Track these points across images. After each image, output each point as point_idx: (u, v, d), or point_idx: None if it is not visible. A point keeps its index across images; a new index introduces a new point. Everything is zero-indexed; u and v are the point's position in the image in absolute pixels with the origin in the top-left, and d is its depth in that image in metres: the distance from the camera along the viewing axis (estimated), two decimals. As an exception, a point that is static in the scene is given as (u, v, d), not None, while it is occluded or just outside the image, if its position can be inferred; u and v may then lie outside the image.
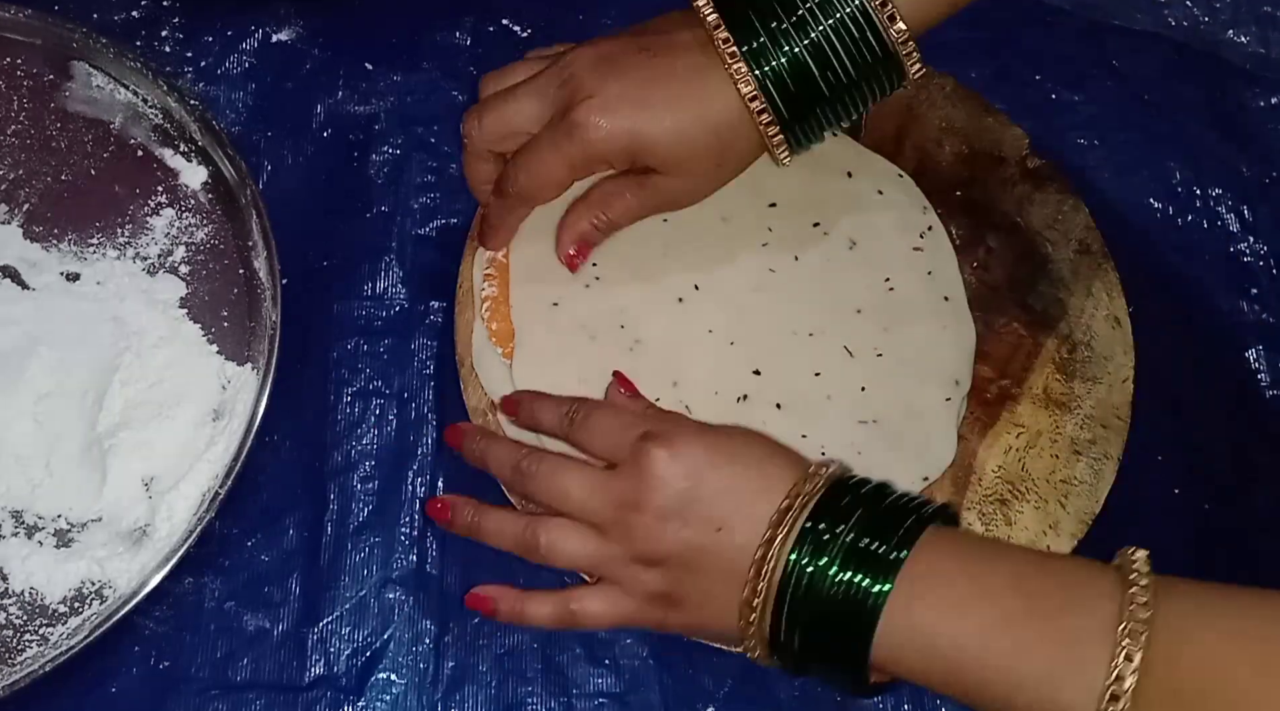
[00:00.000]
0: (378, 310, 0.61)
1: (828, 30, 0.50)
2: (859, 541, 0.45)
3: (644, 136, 0.51)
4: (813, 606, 0.45)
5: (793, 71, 0.50)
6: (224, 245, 0.60)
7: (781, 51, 0.50)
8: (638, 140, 0.52)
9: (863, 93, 0.52)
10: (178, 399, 0.57)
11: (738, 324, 0.57)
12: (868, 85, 0.52)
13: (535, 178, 0.54)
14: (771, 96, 0.51)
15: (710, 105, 0.51)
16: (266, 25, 0.66)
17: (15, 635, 0.53)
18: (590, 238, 0.56)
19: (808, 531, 0.45)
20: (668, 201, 0.55)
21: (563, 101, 0.52)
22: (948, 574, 0.44)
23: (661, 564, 0.48)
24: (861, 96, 0.53)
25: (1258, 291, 0.64)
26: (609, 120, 0.51)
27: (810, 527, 0.45)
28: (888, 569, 0.44)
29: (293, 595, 0.56)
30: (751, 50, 0.50)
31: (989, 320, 0.59)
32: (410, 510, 0.57)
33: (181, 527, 0.54)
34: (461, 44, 0.67)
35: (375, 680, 0.55)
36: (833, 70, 0.51)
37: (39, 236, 0.59)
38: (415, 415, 0.59)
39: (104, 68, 0.62)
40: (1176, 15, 0.70)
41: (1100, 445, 0.57)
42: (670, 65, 0.52)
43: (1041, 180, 0.62)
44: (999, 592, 0.43)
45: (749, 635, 0.47)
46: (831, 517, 0.45)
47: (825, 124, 0.53)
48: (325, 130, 0.64)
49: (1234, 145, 0.67)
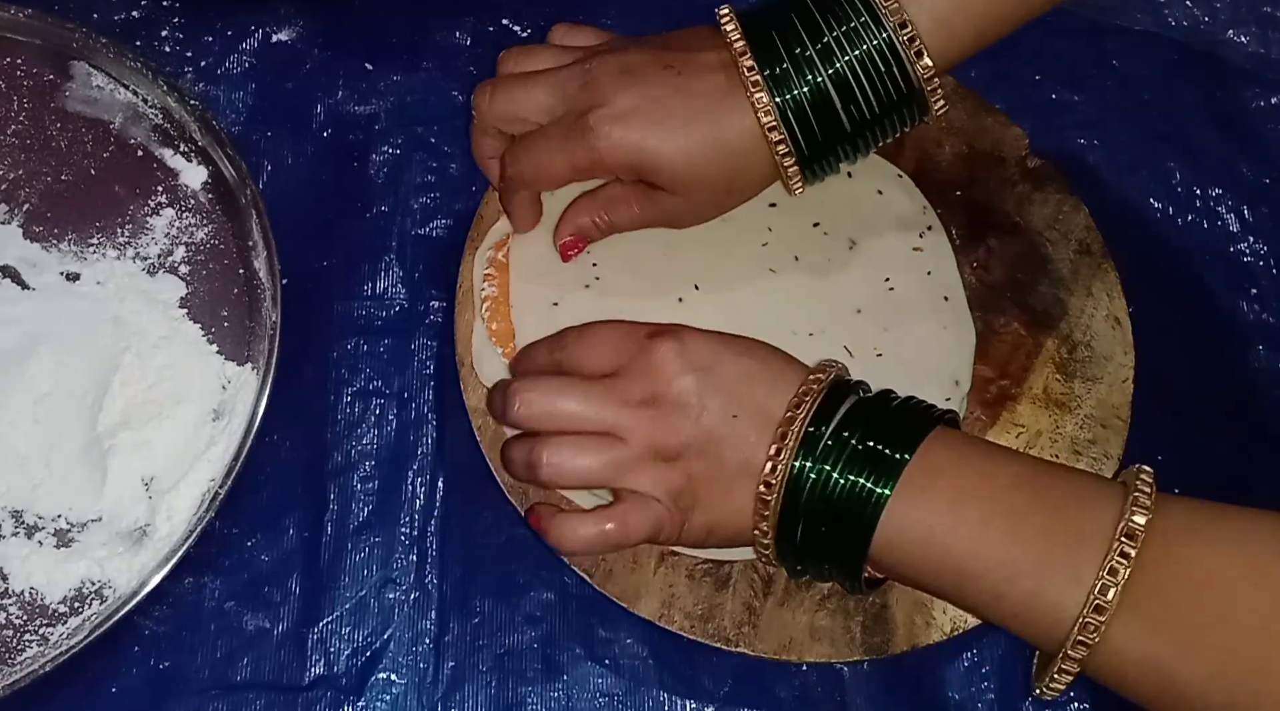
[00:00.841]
0: (378, 310, 0.61)
1: (853, 61, 0.50)
2: (863, 444, 0.45)
3: (652, 154, 0.51)
4: (817, 508, 0.46)
5: (814, 102, 0.50)
6: (224, 245, 0.60)
7: (804, 79, 0.50)
8: (645, 157, 0.51)
9: (884, 127, 0.52)
10: (178, 399, 0.57)
11: (738, 324, 0.56)
12: (889, 120, 0.52)
13: (536, 167, 0.54)
14: (791, 127, 0.51)
15: (726, 131, 0.51)
16: (266, 25, 0.66)
17: (15, 635, 0.53)
18: (588, 233, 0.56)
19: (811, 435, 0.46)
20: (669, 219, 0.56)
21: (578, 103, 0.52)
22: (952, 470, 0.45)
23: (679, 457, 0.48)
24: (882, 130, 0.53)
25: (1258, 291, 0.64)
26: (620, 132, 0.51)
27: (813, 432, 0.46)
28: (891, 469, 0.45)
29: (293, 595, 0.56)
30: (774, 75, 0.50)
31: (989, 320, 0.59)
32: (410, 510, 0.57)
33: (181, 527, 0.54)
34: (461, 44, 0.67)
35: (375, 680, 0.55)
36: (855, 104, 0.51)
37: (39, 236, 0.59)
38: (415, 415, 0.59)
39: (104, 68, 0.62)
40: (1176, 15, 0.70)
41: (1100, 445, 0.57)
42: (690, 85, 0.51)
43: (1041, 180, 0.62)
44: (1002, 488, 0.44)
45: (761, 534, 0.47)
46: (837, 422, 0.46)
47: (842, 157, 0.53)
48: (325, 130, 0.64)
49: (1234, 145, 0.67)
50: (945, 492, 0.45)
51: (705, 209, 0.55)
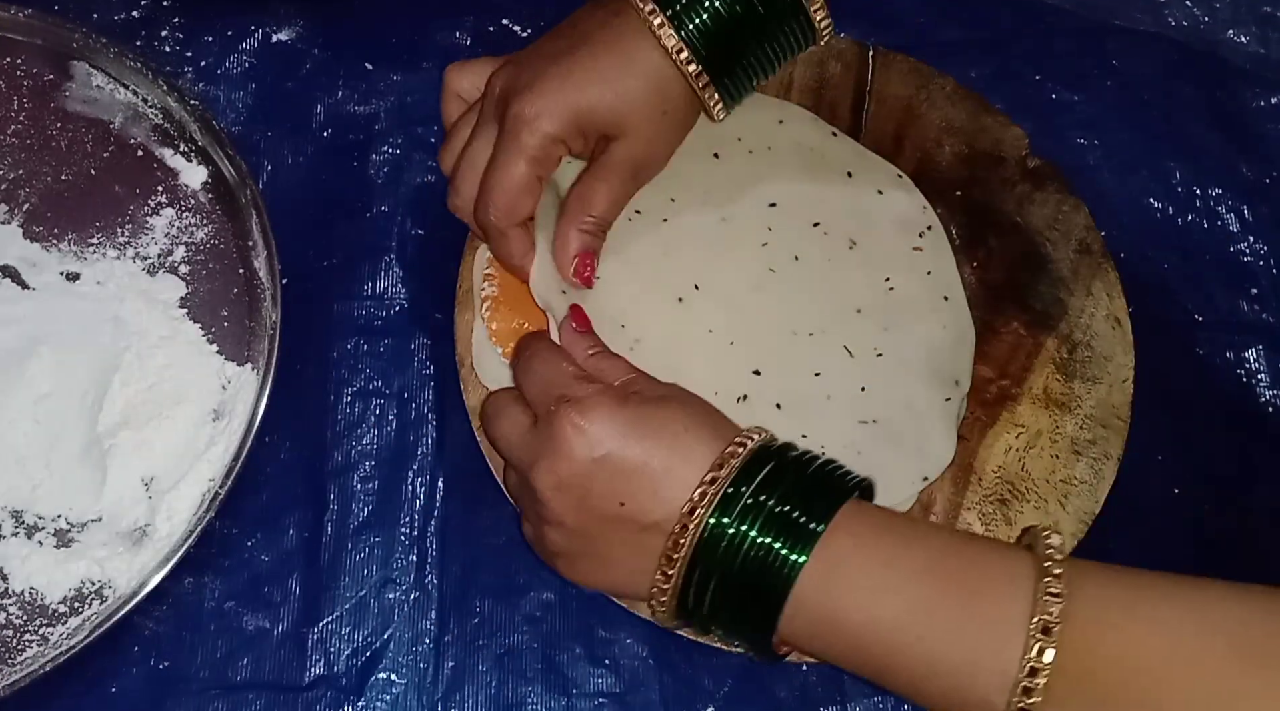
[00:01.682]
0: (378, 310, 0.61)
1: None
2: (780, 508, 0.45)
3: (582, 102, 0.52)
4: (728, 570, 0.45)
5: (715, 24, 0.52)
6: (224, 245, 0.60)
7: (702, 7, 0.51)
8: (577, 107, 0.52)
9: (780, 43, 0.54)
10: (178, 399, 0.57)
11: (738, 324, 0.57)
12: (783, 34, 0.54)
13: (505, 192, 0.53)
14: (696, 48, 0.52)
15: (637, 61, 0.52)
16: (266, 25, 0.66)
17: (15, 635, 0.53)
18: (588, 245, 0.55)
19: (730, 496, 0.45)
20: (634, 168, 0.55)
21: (499, 112, 0.53)
22: (864, 555, 0.44)
23: (559, 527, 0.48)
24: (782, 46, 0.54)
25: (1258, 291, 0.64)
26: (544, 100, 0.52)
27: (733, 493, 0.45)
28: (806, 539, 0.44)
29: (293, 595, 0.56)
30: (675, 13, 0.51)
31: (989, 320, 0.59)
32: (410, 510, 0.57)
33: (181, 527, 0.54)
34: (461, 44, 0.67)
35: (375, 680, 0.55)
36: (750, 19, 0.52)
37: (39, 236, 0.59)
38: (415, 415, 0.59)
39: (104, 68, 0.62)
40: (1176, 15, 0.70)
41: (1100, 445, 0.57)
42: (589, 39, 0.53)
43: (1041, 180, 0.62)
44: (914, 578, 0.44)
45: (658, 596, 0.47)
46: (756, 484, 0.45)
47: (752, 74, 0.54)
48: (325, 130, 0.64)
49: (1234, 145, 0.67)
50: (859, 582, 0.44)
51: (655, 141, 0.55)
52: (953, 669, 0.42)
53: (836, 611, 0.44)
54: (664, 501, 0.46)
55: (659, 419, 0.47)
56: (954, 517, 0.56)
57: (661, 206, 0.58)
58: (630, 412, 0.47)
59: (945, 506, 0.56)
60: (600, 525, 0.47)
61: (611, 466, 0.46)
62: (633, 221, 0.57)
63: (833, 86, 0.63)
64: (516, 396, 0.51)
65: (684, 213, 0.58)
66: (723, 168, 0.59)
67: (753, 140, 0.60)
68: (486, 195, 0.53)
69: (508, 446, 0.50)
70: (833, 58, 0.63)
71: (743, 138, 0.60)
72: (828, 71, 0.63)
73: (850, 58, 0.63)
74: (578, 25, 0.54)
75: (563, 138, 0.53)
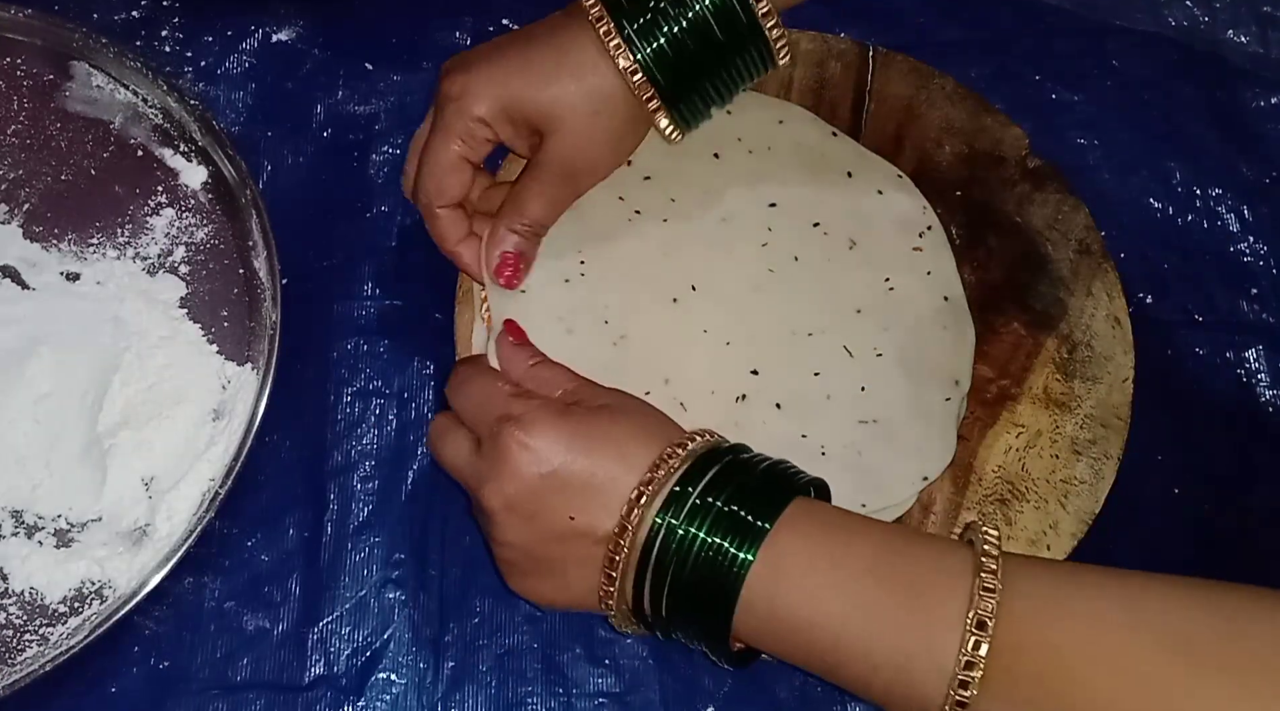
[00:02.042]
0: (378, 310, 0.61)
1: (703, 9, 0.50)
2: (728, 507, 0.45)
3: (511, 87, 0.52)
4: (680, 571, 0.45)
5: (673, 50, 0.51)
6: (224, 245, 0.60)
7: (661, 32, 0.51)
8: (506, 91, 0.52)
9: (736, 69, 0.53)
10: (178, 399, 0.57)
11: (737, 324, 0.57)
12: (740, 61, 0.53)
13: (431, 169, 0.53)
14: (651, 71, 0.51)
15: (574, 61, 0.51)
16: (266, 25, 0.66)
17: (15, 635, 0.53)
18: (519, 246, 0.54)
19: (675, 495, 0.45)
20: (565, 168, 0.54)
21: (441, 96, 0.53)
22: (810, 553, 0.44)
23: (512, 546, 0.48)
24: (737, 72, 0.53)
25: (1258, 291, 0.64)
26: (472, 80, 0.52)
27: (679, 492, 0.45)
28: (754, 537, 0.44)
29: (293, 595, 0.56)
30: (636, 30, 0.50)
31: (989, 320, 0.59)
32: (410, 510, 0.57)
33: (181, 527, 0.54)
34: (461, 44, 0.67)
35: (375, 680, 0.55)
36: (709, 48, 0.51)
37: (39, 236, 0.59)
38: (415, 415, 0.59)
39: (104, 68, 0.62)
40: (1176, 15, 0.70)
41: (1100, 445, 0.57)
42: (534, 37, 0.52)
43: (1041, 180, 0.62)
44: (858, 576, 0.44)
45: (608, 601, 0.47)
46: (704, 484, 0.45)
47: (709, 100, 0.54)
48: (325, 130, 0.64)
49: (1234, 145, 0.67)
50: (803, 583, 0.44)
51: (591, 144, 0.53)
52: (893, 664, 0.43)
53: (784, 609, 0.44)
54: (613, 512, 0.46)
55: (602, 429, 0.47)
56: (954, 517, 0.56)
57: (661, 206, 0.58)
58: (572, 425, 0.47)
59: (945, 506, 0.56)
60: (553, 542, 0.47)
61: (559, 481, 0.46)
62: (633, 221, 0.57)
63: (833, 86, 0.63)
64: (459, 419, 0.51)
65: (684, 212, 0.58)
66: (723, 168, 0.59)
67: (753, 140, 0.60)
68: (420, 174, 0.54)
69: (454, 470, 0.50)
70: (833, 58, 0.63)
71: (743, 138, 0.60)
72: (828, 71, 0.63)
73: (850, 58, 0.63)
74: (533, 26, 0.54)
75: (488, 121, 0.52)
